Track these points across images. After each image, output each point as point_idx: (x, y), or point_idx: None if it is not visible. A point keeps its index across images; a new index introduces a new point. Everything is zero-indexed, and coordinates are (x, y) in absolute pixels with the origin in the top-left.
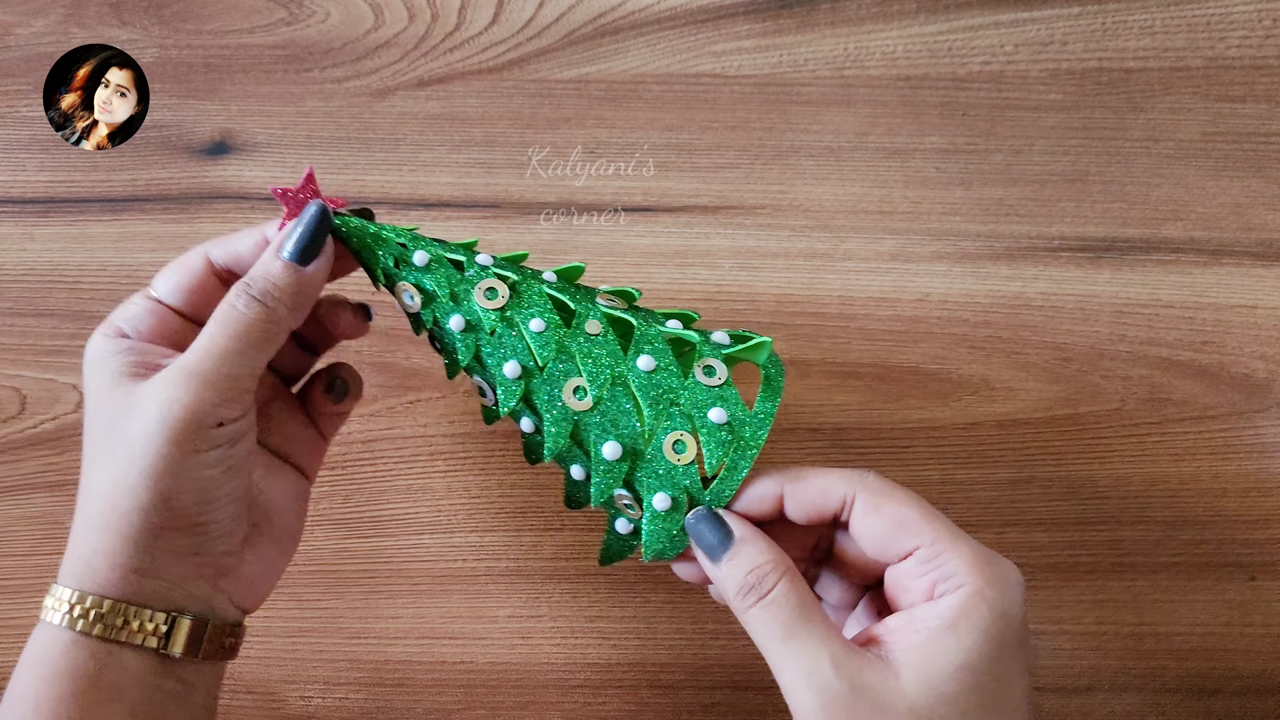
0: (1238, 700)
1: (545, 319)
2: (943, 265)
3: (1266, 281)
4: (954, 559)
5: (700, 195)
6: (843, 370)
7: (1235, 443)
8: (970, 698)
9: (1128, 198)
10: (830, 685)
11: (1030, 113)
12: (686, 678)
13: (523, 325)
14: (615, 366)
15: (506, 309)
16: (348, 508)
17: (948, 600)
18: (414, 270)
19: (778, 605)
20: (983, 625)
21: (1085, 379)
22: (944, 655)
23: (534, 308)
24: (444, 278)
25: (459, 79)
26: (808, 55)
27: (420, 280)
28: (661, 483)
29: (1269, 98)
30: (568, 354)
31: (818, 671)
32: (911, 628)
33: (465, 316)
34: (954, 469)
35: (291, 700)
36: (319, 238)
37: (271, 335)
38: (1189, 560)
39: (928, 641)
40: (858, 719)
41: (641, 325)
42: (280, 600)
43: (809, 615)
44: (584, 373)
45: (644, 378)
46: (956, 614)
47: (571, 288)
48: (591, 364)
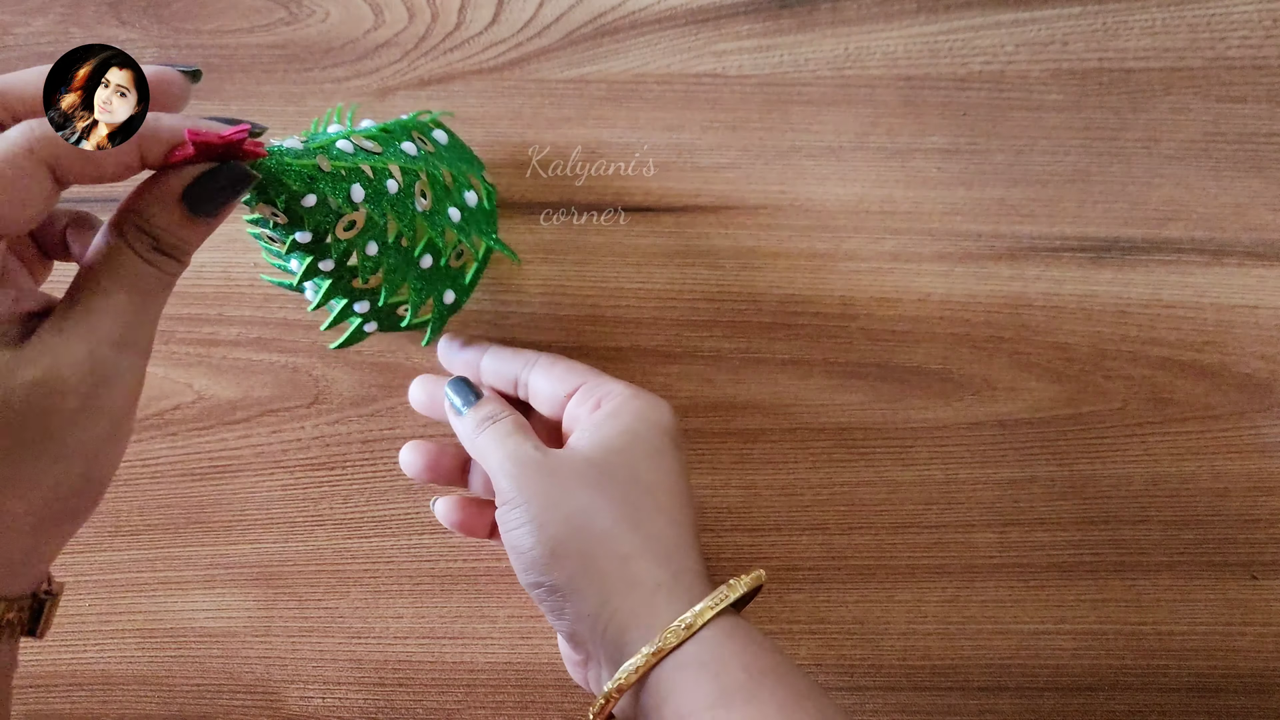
0: (1239, 699)
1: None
2: (944, 265)
3: (1268, 282)
4: (612, 384)
5: (701, 195)
6: (844, 370)
7: (1237, 442)
8: (632, 452)
9: (1129, 198)
10: (528, 456)
11: (1031, 113)
12: None
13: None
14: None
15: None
16: (348, 508)
17: (607, 404)
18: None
19: (502, 425)
20: (635, 409)
21: (1087, 379)
22: (605, 427)
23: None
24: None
25: (459, 79)
26: (808, 55)
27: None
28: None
29: (1270, 98)
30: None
31: (519, 450)
32: (581, 426)
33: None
34: (957, 469)
35: (292, 700)
36: (235, 191)
37: (161, 295)
38: (1191, 560)
39: (594, 426)
40: (542, 471)
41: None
42: (281, 601)
43: (525, 430)
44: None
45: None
46: (615, 408)
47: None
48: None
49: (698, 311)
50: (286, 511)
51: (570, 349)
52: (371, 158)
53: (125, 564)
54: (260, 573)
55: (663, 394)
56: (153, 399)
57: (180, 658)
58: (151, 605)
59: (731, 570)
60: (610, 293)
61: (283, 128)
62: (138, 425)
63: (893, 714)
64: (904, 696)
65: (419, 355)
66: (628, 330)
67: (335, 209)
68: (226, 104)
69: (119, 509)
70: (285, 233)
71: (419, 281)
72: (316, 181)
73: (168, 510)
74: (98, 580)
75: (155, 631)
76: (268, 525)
